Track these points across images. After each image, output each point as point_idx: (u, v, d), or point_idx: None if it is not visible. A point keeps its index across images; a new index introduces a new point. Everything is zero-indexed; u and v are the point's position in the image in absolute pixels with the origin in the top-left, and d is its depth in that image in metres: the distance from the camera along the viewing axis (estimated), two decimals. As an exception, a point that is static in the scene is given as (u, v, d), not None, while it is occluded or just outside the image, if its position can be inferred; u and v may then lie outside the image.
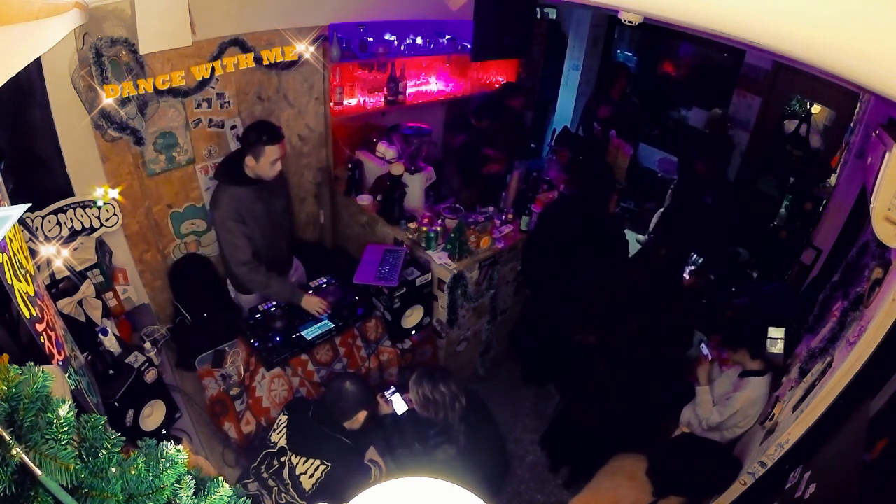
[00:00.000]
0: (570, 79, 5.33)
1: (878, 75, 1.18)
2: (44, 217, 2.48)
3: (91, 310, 2.46)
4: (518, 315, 3.63)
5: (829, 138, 3.67)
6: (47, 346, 1.25)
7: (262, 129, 2.54)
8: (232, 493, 0.94)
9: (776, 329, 2.45)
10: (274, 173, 2.61)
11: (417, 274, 2.99)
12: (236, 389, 2.64)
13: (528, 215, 3.31)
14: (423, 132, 3.72)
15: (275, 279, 2.78)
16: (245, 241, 2.65)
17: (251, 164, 2.57)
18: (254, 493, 2.36)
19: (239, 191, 2.61)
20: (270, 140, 2.51)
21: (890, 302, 1.54)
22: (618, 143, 4.27)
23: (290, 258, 3.16)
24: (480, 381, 3.68)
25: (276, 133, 2.55)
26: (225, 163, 2.71)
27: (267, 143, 2.51)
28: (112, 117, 2.48)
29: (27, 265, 1.26)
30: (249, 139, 2.54)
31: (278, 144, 2.54)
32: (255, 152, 2.53)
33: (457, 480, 0.86)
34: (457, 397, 2.38)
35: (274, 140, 2.52)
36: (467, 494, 0.85)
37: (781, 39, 1.30)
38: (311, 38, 2.93)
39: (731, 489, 2.13)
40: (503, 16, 3.79)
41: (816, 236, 3.20)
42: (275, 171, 2.60)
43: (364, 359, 3.00)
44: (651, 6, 1.72)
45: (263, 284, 2.76)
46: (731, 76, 4.19)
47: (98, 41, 2.30)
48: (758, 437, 2.27)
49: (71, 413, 0.76)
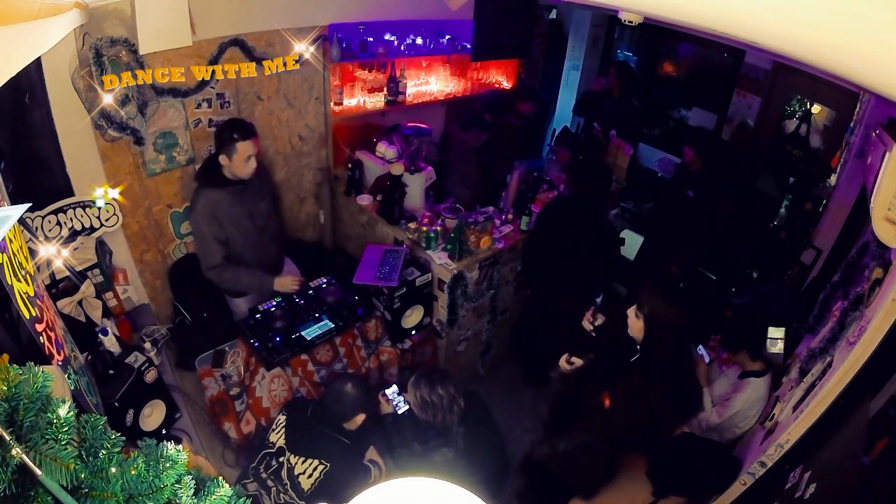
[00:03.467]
0: (570, 79, 5.33)
1: (878, 75, 1.18)
2: (44, 217, 2.48)
3: (91, 310, 2.46)
4: (518, 315, 3.63)
5: (829, 138, 3.67)
6: (47, 346, 1.25)
7: (232, 127, 2.50)
8: (232, 493, 0.94)
9: (776, 329, 2.45)
10: (249, 171, 2.56)
11: (417, 274, 2.99)
12: (236, 389, 2.64)
13: (528, 215, 3.31)
14: (423, 132, 3.72)
15: (243, 272, 2.76)
16: (215, 246, 2.64)
17: (225, 163, 2.53)
18: (253, 493, 2.36)
19: (214, 193, 2.58)
20: (242, 136, 2.48)
21: (890, 302, 1.54)
22: (618, 143, 4.27)
23: (279, 260, 3.10)
24: (480, 381, 3.68)
25: (246, 129, 2.51)
26: (203, 165, 2.70)
27: (238, 140, 2.47)
28: (112, 117, 2.49)
29: (27, 265, 1.26)
30: (221, 138, 2.51)
31: (250, 140, 2.50)
32: (227, 151, 2.50)
33: (456, 481, 0.86)
34: (455, 400, 2.36)
35: (245, 136, 2.48)
36: (467, 494, 0.85)
37: (781, 39, 1.30)
38: (311, 38, 2.93)
39: (731, 489, 2.13)
40: (503, 16, 3.79)
41: (816, 236, 3.20)
42: (250, 169, 2.56)
43: (364, 359, 3.00)
44: (651, 6, 1.72)
45: (234, 281, 2.76)
46: (731, 76, 4.18)
47: (98, 41, 2.31)
48: (758, 437, 2.28)
49: (71, 413, 0.76)
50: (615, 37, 5.17)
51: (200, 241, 2.67)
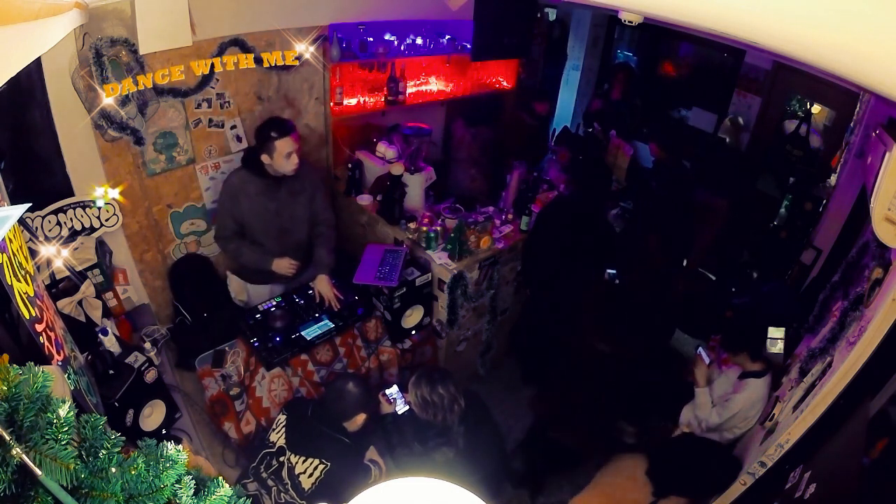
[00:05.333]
0: (570, 79, 5.33)
1: (878, 75, 1.18)
2: (44, 217, 2.48)
3: (91, 310, 2.46)
4: (518, 315, 3.63)
5: (829, 138, 3.67)
6: (47, 346, 1.25)
7: (270, 126, 2.57)
8: (232, 493, 0.94)
9: (776, 329, 2.45)
10: (292, 166, 2.63)
11: (417, 274, 2.99)
12: (236, 389, 2.64)
13: (528, 215, 3.31)
14: (423, 132, 3.72)
15: (246, 247, 2.82)
16: (227, 220, 2.76)
17: (268, 162, 2.62)
18: (253, 493, 2.36)
19: (246, 175, 2.69)
20: (280, 134, 2.54)
21: (890, 302, 1.54)
22: (618, 143, 4.27)
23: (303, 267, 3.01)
24: (480, 381, 3.68)
25: (284, 126, 2.57)
26: (247, 149, 2.82)
27: (277, 139, 2.54)
28: (112, 117, 2.48)
29: (27, 265, 1.26)
30: (261, 137, 2.58)
31: (289, 137, 2.56)
32: (267, 149, 2.58)
33: (456, 481, 0.86)
34: (456, 400, 2.35)
35: (283, 133, 2.55)
36: (467, 494, 0.85)
37: (781, 39, 1.30)
38: (311, 38, 2.93)
39: (731, 489, 2.13)
40: (503, 16, 3.79)
41: (816, 236, 3.20)
42: (292, 164, 2.63)
43: (364, 359, 3.00)
44: (651, 6, 1.72)
45: (236, 253, 2.84)
46: (731, 76, 4.18)
47: (98, 41, 2.30)
48: (758, 437, 2.27)
49: (71, 413, 0.76)
50: (615, 37, 5.17)
51: (219, 209, 2.83)
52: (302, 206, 2.85)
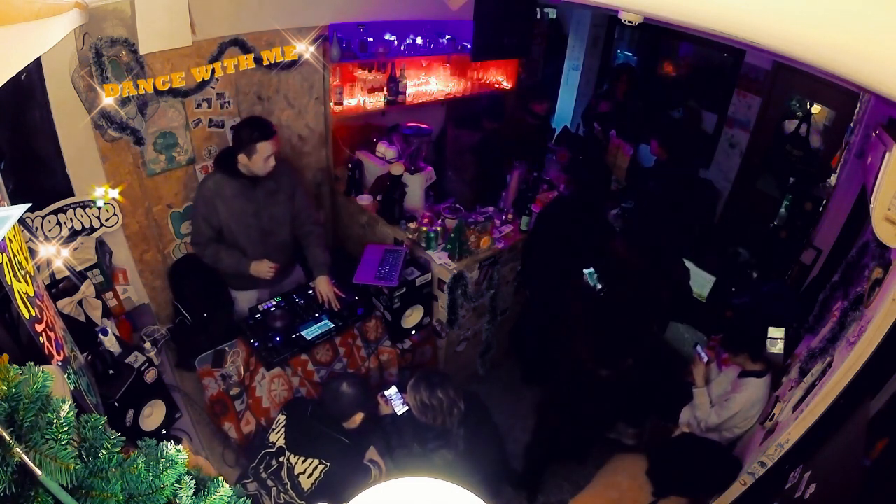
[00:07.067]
0: (570, 79, 5.33)
1: (878, 75, 1.18)
2: (44, 217, 2.48)
3: (91, 310, 2.46)
4: (518, 315, 3.63)
5: (829, 138, 3.67)
6: (47, 346, 1.25)
7: (251, 126, 2.51)
8: (232, 494, 0.94)
9: (776, 329, 2.45)
10: (268, 169, 2.58)
11: (417, 274, 2.99)
12: (236, 389, 2.64)
13: (528, 215, 3.31)
14: (423, 132, 3.72)
15: (224, 251, 2.76)
16: (202, 226, 2.70)
17: (244, 162, 2.55)
18: (253, 493, 2.36)
19: (222, 179, 2.62)
20: (262, 136, 2.48)
21: (890, 302, 1.54)
22: (618, 143, 4.27)
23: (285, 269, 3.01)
24: (480, 381, 3.68)
25: (267, 129, 2.51)
26: (221, 152, 2.74)
27: (258, 140, 2.48)
28: (112, 117, 2.48)
29: (27, 265, 1.26)
30: (241, 137, 2.51)
31: (270, 140, 2.51)
32: (247, 150, 2.51)
33: (456, 482, 0.86)
34: (455, 403, 2.33)
35: (265, 136, 2.49)
36: (467, 494, 0.85)
37: (781, 39, 1.30)
38: (311, 38, 2.92)
39: (731, 489, 2.13)
40: (503, 16, 3.79)
41: (816, 236, 3.20)
42: (269, 167, 2.58)
43: (364, 359, 3.00)
44: (651, 6, 1.72)
45: (214, 258, 2.77)
46: (731, 76, 4.18)
47: (98, 41, 2.31)
48: (758, 437, 2.27)
49: (71, 413, 0.76)
50: (615, 37, 5.17)
51: (194, 215, 2.74)
52: (281, 205, 2.78)
